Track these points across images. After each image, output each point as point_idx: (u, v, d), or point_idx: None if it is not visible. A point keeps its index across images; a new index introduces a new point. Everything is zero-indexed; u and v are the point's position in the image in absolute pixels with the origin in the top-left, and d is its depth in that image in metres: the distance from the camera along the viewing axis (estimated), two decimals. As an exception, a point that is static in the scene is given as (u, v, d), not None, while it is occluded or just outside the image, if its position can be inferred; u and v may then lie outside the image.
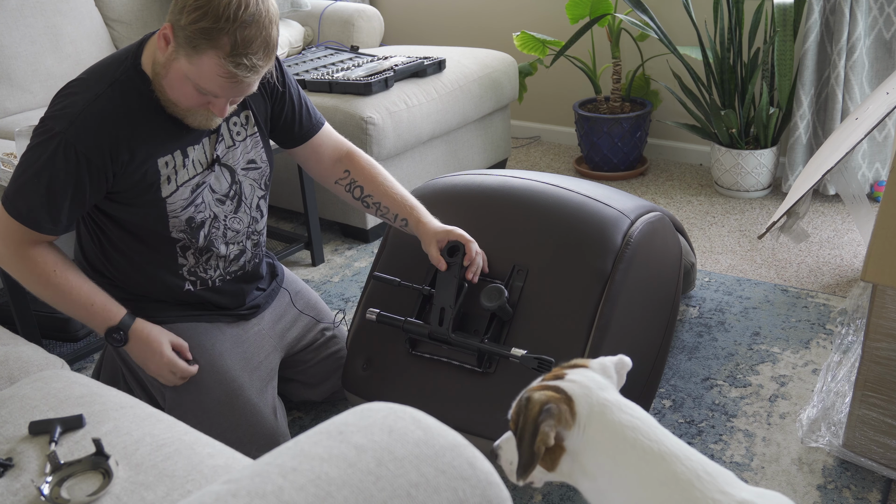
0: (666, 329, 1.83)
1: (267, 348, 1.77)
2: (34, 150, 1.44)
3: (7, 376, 1.42)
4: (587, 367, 1.16)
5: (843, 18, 2.69)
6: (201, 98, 1.44)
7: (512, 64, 3.24)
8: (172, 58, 1.41)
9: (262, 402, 1.69)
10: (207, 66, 1.38)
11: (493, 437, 1.59)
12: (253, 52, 1.38)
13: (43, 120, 1.45)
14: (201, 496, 0.67)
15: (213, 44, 1.35)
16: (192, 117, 1.50)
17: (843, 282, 2.42)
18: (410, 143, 2.82)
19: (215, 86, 1.40)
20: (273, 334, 1.80)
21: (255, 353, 1.74)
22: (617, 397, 1.11)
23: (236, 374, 1.67)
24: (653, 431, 1.06)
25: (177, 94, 1.45)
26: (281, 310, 1.84)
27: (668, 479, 1.02)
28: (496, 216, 1.74)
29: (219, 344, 1.68)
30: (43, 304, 2.36)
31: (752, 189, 3.03)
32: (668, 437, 1.07)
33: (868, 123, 2.03)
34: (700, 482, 1.01)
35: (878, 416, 1.61)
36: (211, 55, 1.36)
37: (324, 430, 0.75)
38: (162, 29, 1.41)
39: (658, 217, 1.79)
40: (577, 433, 1.08)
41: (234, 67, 1.37)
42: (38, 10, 2.96)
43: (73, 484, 1.11)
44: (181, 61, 1.39)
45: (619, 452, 1.05)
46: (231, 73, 1.38)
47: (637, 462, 1.04)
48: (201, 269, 1.66)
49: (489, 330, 1.62)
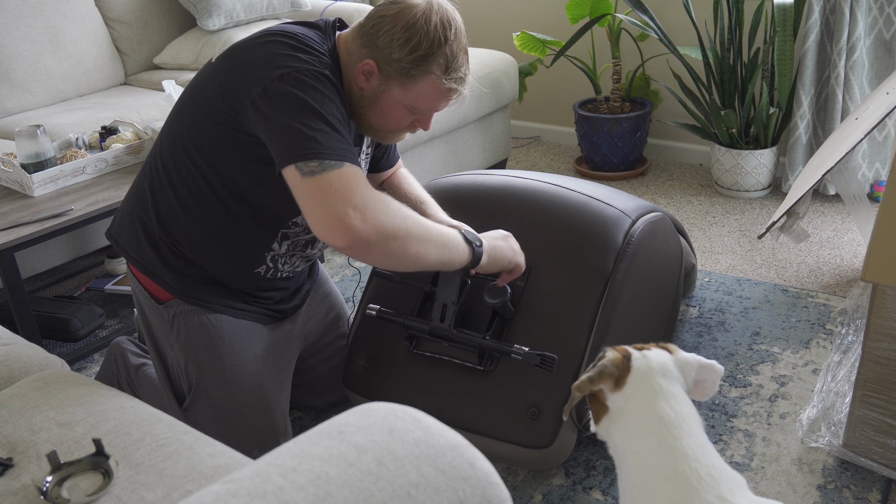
0: (666, 329, 1.83)
1: (292, 350, 1.75)
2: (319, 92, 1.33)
3: (7, 376, 1.42)
4: (671, 352, 1.20)
5: (843, 18, 2.69)
6: (411, 119, 1.49)
7: (512, 64, 3.24)
8: (382, 90, 1.45)
9: (282, 409, 1.68)
10: (426, 90, 1.43)
11: (494, 434, 1.59)
12: (462, 64, 1.45)
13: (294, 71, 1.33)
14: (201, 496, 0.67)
15: (429, 68, 1.41)
16: (393, 136, 1.54)
17: (843, 282, 2.42)
18: (410, 143, 2.82)
19: (433, 105, 1.46)
20: (301, 335, 1.78)
21: (282, 356, 1.72)
22: (672, 388, 1.13)
23: (265, 379, 1.65)
24: (679, 428, 1.09)
25: (386, 121, 1.49)
26: (311, 310, 1.81)
27: (669, 474, 1.05)
28: (498, 216, 1.74)
29: (256, 345, 1.65)
30: (43, 304, 2.38)
31: (752, 189, 3.03)
32: (691, 437, 1.09)
33: (868, 123, 2.03)
34: (700, 483, 1.02)
35: (878, 416, 1.61)
36: (428, 79, 1.42)
37: (324, 430, 0.75)
38: (361, 66, 1.43)
39: (659, 217, 1.79)
40: (620, 400, 1.14)
41: (453, 83, 1.44)
42: (38, 10, 2.96)
43: (73, 484, 1.11)
44: (394, 91, 1.44)
45: (642, 436, 1.10)
46: (450, 90, 1.44)
47: (651, 453, 1.08)
48: (283, 259, 1.62)
49: (491, 327, 1.62)
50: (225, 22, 3.16)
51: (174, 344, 1.61)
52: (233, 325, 1.62)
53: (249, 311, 1.65)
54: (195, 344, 1.59)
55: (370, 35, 1.44)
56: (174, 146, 1.51)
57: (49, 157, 2.18)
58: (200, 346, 1.59)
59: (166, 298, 1.59)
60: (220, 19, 3.14)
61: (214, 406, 1.61)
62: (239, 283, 1.62)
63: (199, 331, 1.59)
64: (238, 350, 1.62)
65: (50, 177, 2.14)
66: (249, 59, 1.40)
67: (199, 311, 1.59)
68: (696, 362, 1.18)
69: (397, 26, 1.41)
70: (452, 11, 1.46)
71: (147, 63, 3.33)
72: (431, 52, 1.40)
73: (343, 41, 1.49)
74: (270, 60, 1.36)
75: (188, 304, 1.58)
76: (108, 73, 3.19)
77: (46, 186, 2.14)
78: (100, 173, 2.25)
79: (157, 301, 1.60)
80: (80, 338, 2.34)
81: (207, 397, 1.61)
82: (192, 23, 3.37)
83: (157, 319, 1.62)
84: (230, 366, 1.60)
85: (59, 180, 2.16)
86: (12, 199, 2.12)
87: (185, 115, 1.50)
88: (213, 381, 1.60)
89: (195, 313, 1.59)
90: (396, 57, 1.40)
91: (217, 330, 1.60)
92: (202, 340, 1.59)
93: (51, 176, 2.14)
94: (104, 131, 2.39)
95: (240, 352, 1.62)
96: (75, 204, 2.06)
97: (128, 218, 1.60)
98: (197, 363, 1.60)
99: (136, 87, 3.22)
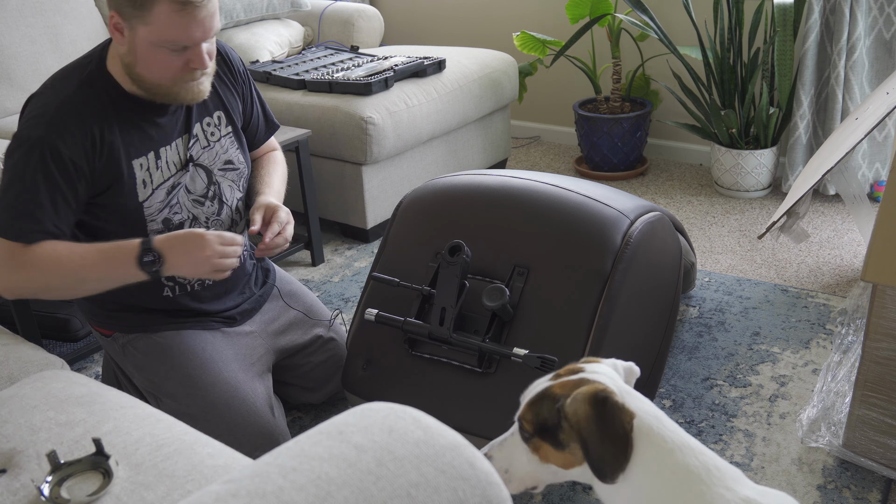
0: (666, 329, 1.83)
1: (260, 350, 1.77)
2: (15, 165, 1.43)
3: (7, 376, 1.42)
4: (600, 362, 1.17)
5: (843, 18, 2.69)
6: (180, 60, 1.45)
7: (512, 64, 3.24)
8: (132, 37, 1.42)
9: (259, 400, 1.68)
10: (163, 15, 1.38)
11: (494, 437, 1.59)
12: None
13: (16, 136, 1.44)
14: (201, 496, 0.67)
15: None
16: (184, 92, 1.50)
17: (843, 282, 2.42)
18: (410, 143, 2.82)
19: (184, 32, 1.41)
20: (266, 336, 1.79)
21: (248, 354, 1.74)
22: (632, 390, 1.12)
23: (230, 375, 1.66)
24: (669, 420, 1.07)
25: (155, 70, 1.45)
26: (274, 312, 1.83)
27: (681, 469, 1.02)
28: (496, 216, 1.74)
29: (209, 346, 1.68)
30: (43, 303, 2.38)
31: (752, 189, 3.03)
32: (682, 430, 1.07)
33: (868, 123, 2.03)
34: (709, 476, 1.01)
35: (878, 416, 1.61)
36: (159, 4, 1.37)
37: (324, 430, 0.75)
38: (110, 21, 1.42)
39: (658, 217, 1.79)
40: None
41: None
42: (38, 10, 2.96)
43: (73, 484, 1.11)
44: (140, 32, 1.40)
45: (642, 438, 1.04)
46: (184, 4, 1.38)
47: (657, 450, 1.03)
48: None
49: (490, 330, 1.62)
50: (225, 22, 3.16)
51: (132, 371, 1.69)
52: (179, 336, 1.67)
53: (194, 322, 1.70)
54: (149, 364, 1.66)
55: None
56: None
57: (49, 157, 2.17)
58: (154, 364, 1.65)
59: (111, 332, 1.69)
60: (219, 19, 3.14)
61: (189, 415, 1.60)
62: (166, 306, 1.68)
63: (147, 352, 1.66)
64: (189, 357, 1.65)
65: (50, 177, 2.13)
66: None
67: (143, 335, 1.66)
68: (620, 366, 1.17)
69: None
70: None
71: (147, 63, 3.33)
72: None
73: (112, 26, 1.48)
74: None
75: (131, 333, 1.67)
76: (108, 73, 3.19)
77: (46, 186, 2.13)
78: (100, 173, 2.25)
79: (105, 336, 1.70)
80: (80, 338, 2.34)
81: (176, 408, 1.61)
82: (192, 23, 3.37)
83: (114, 354, 1.72)
84: (186, 374, 1.63)
85: (59, 180, 2.16)
86: (12, 199, 2.12)
87: None
88: (177, 393, 1.64)
89: (140, 337, 1.66)
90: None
91: (164, 346, 1.65)
92: (153, 359, 1.65)
93: (51, 176, 2.13)
94: (104, 131, 2.38)
95: (192, 358, 1.65)
96: (75, 204, 2.05)
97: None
98: (157, 382, 1.65)
99: (136, 87, 3.22)
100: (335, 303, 2.50)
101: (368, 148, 2.65)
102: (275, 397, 1.77)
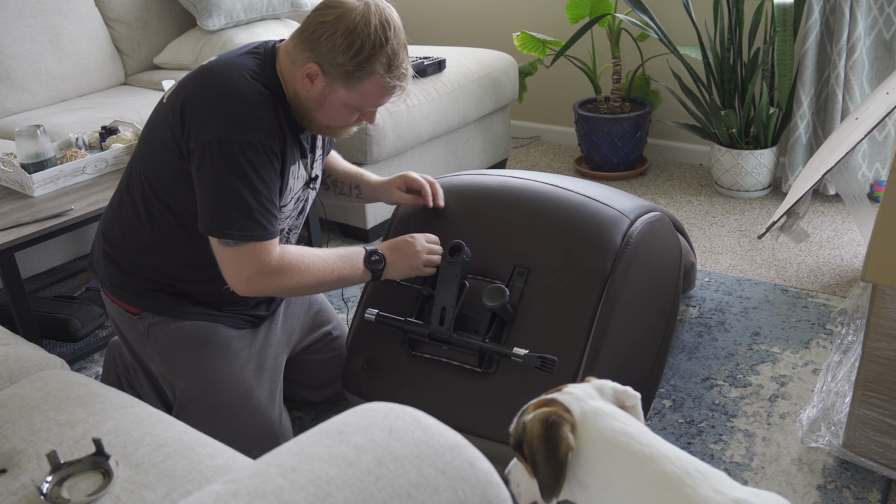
0: (666, 329, 1.83)
1: (276, 349, 1.77)
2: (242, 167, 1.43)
3: (7, 376, 1.42)
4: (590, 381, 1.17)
5: (843, 18, 2.69)
6: (356, 115, 1.54)
7: (512, 64, 3.24)
8: (327, 92, 1.48)
9: (271, 405, 1.69)
10: (370, 89, 1.48)
11: (494, 437, 1.59)
12: (403, 60, 1.49)
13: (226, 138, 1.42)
14: (201, 496, 0.67)
15: (372, 68, 1.45)
16: (342, 132, 1.59)
17: (843, 282, 2.42)
18: (410, 143, 2.82)
19: (378, 102, 1.51)
20: (283, 333, 1.80)
21: (266, 356, 1.74)
22: (608, 406, 1.12)
23: (248, 376, 1.67)
24: (644, 436, 1.07)
25: (332, 119, 1.54)
26: (289, 309, 1.84)
27: (658, 478, 1.03)
28: (496, 216, 1.74)
29: (234, 343, 1.67)
30: (43, 304, 2.38)
31: (752, 189, 3.03)
32: (659, 441, 1.07)
33: (868, 123, 2.03)
34: (691, 479, 1.02)
35: (878, 416, 1.61)
36: (372, 79, 1.47)
37: (324, 430, 0.75)
38: (306, 70, 1.46)
39: (658, 217, 1.79)
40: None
41: (396, 80, 1.49)
42: (38, 10, 2.96)
43: (73, 484, 1.11)
44: (339, 93, 1.48)
45: (611, 457, 1.06)
46: (393, 87, 1.50)
47: (629, 465, 1.04)
48: None
49: (490, 330, 1.62)
50: (225, 22, 3.16)
51: (153, 354, 1.66)
52: (208, 329, 1.65)
53: (224, 317, 1.69)
54: (173, 350, 1.63)
55: (312, 41, 1.46)
56: (142, 187, 1.57)
57: (49, 157, 2.18)
58: (179, 351, 1.63)
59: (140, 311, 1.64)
60: (220, 19, 3.14)
61: (201, 409, 1.63)
62: (212, 300, 1.67)
63: (174, 337, 1.63)
64: (215, 351, 1.64)
65: (50, 177, 2.14)
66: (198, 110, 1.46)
67: (173, 319, 1.63)
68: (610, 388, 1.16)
69: (338, 31, 1.44)
70: (389, 10, 1.49)
71: (147, 63, 3.33)
72: (374, 54, 1.45)
73: (284, 51, 1.53)
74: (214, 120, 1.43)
75: (161, 315, 1.64)
76: (108, 73, 3.19)
77: (46, 186, 2.14)
78: (100, 173, 2.25)
79: (130, 314, 1.65)
80: (80, 338, 2.34)
81: (193, 401, 1.63)
82: (192, 23, 3.37)
83: (133, 333, 1.67)
84: (210, 367, 1.63)
85: (59, 180, 2.16)
86: (12, 199, 2.12)
87: (147, 157, 1.56)
88: (195, 385, 1.63)
89: (169, 321, 1.63)
90: (340, 61, 1.44)
91: (193, 335, 1.63)
92: (179, 346, 1.63)
93: (51, 176, 2.14)
94: (104, 131, 2.39)
95: (217, 353, 1.64)
96: (75, 204, 2.06)
97: (100, 253, 1.66)
98: (178, 369, 1.64)
99: (136, 87, 3.22)
100: (335, 303, 2.50)
101: (368, 148, 2.65)
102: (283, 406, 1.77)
